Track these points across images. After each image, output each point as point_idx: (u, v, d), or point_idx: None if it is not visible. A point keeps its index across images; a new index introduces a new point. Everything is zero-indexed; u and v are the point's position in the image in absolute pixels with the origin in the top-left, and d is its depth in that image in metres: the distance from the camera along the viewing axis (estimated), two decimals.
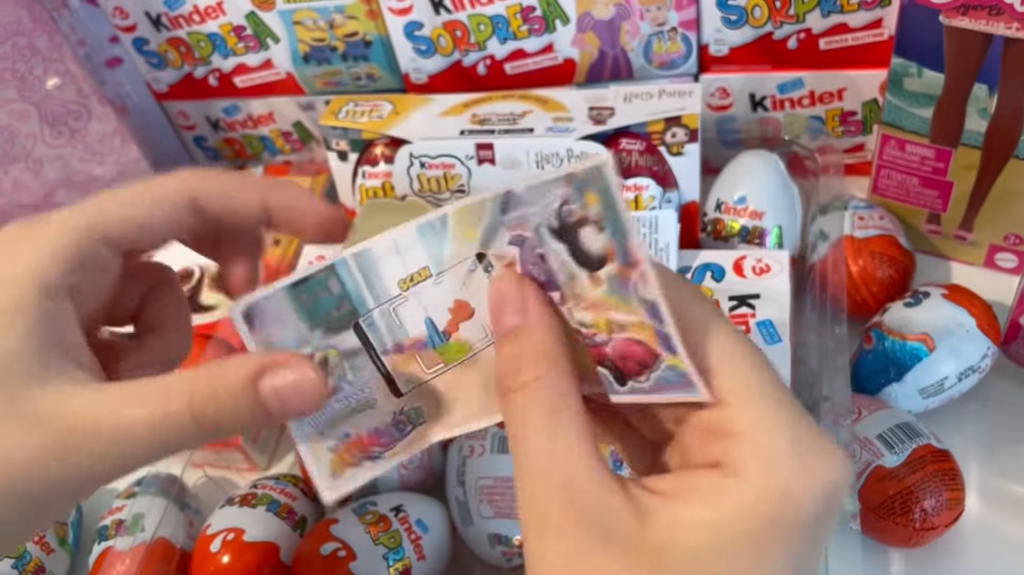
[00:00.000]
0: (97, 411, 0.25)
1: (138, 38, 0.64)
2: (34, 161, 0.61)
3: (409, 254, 0.27)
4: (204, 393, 0.25)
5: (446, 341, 0.28)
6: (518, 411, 0.24)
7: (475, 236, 0.26)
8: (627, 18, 0.56)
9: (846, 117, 0.59)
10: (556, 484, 0.22)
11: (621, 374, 0.25)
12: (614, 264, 0.24)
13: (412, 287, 0.27)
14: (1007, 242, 0.53)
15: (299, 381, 0.25)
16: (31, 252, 0.26)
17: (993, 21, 0.45)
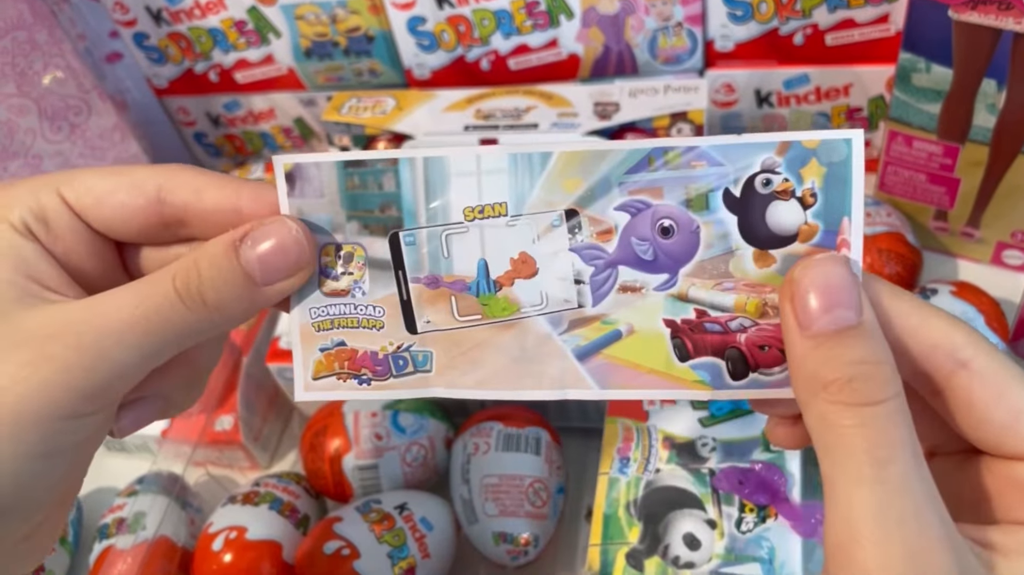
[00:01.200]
0: (77, 312, 0.24)
1: (138, 33, 0.64)
2: (33, 156, 0.60)
3: (490, 181, 0.24)
4: (185, 267, 0.24)
5: (494, 292, 0.25)
6: (885, 432, 0.20)
7: (576, 188, 0.24)
8: (632, 13, 0.56)
9: (852, 113, 0.58)
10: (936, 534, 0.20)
11: (747, 365, 0.23)
12: (805, 244, 0.22)
13: (478, 220, 0.24)
14: (1014, 239, 0.53)
15: (281, 242, 0.24)
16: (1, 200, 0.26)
17: (1003, 16, 0.44)
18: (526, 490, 0.44)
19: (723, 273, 0.23)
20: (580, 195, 0.24)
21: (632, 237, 0.24)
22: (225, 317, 0.25)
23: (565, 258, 0.24)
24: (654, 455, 0.43)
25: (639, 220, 0.24)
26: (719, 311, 0.23)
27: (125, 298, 0.24)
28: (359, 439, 0.47)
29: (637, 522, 0.40)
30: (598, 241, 0.24)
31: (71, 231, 0.26)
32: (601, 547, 0.40)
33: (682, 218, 0.24)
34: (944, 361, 0.22)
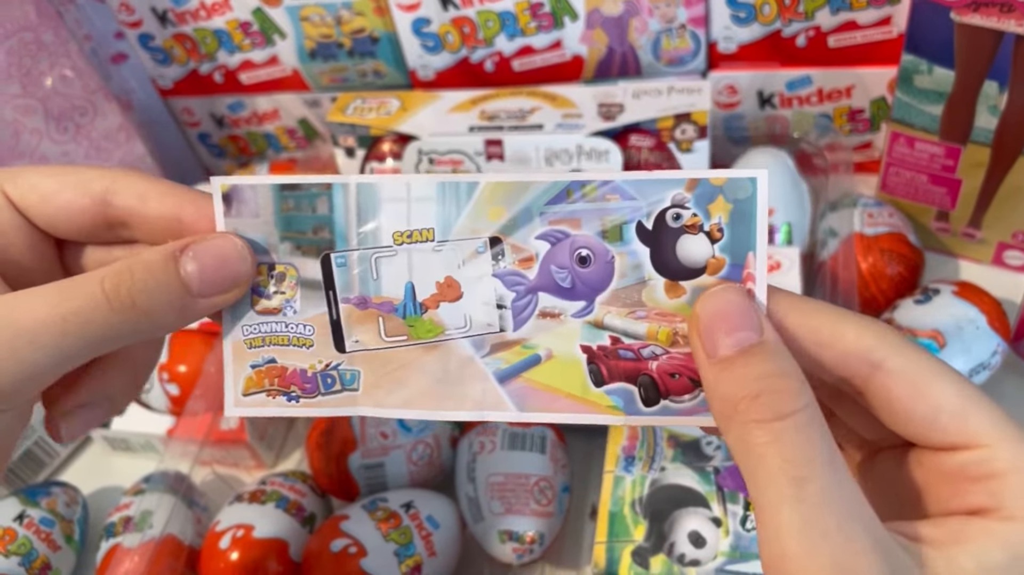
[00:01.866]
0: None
1: (144, 34, 0.64)
2: (39, 157, 0.60)
3: (418, 208, 0.25)
4: (117, 270, 0.24)
5: (420, 314, 0.26)
6: (797, 447, 0.21)
7: (500, 217, 0.25)
8: (636, 15, 0.56)
9: (854, 115, 0.59)
10: (861, 544, 0.20)
11: (658, 391, 0.24)
12: (713, 277, 0.23)
13: (407, 244, 0.25)
14: (1016, 240, 0.53)
15: (224, 257, 0.25)
16: None
17: (1004, 18, 0.45)
18: (531, 488, 0.44)
19: (636, 302, 0.24)
20: (504, 223, 0.25)
21: (552, 265, 0.25)
22: (153, 323, 0.24)
23: (488, 283, 0.25)
24: (659, 453, 0.43)
25: (558, 249, 0.25)
26: (632, 339, 0.24)
27: (45, 297, 0.23)
28: (365, 438, 0.47)
29: (643, 520, 0.40)
30: (520, 268, 0.25)
31: (10, 227, 0.26)
32: (607, 545, 0.40)
33: (598, 248, 0.24)
34: (859, 366, 0.23)
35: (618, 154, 0.50)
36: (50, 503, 0.50)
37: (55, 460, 0.57)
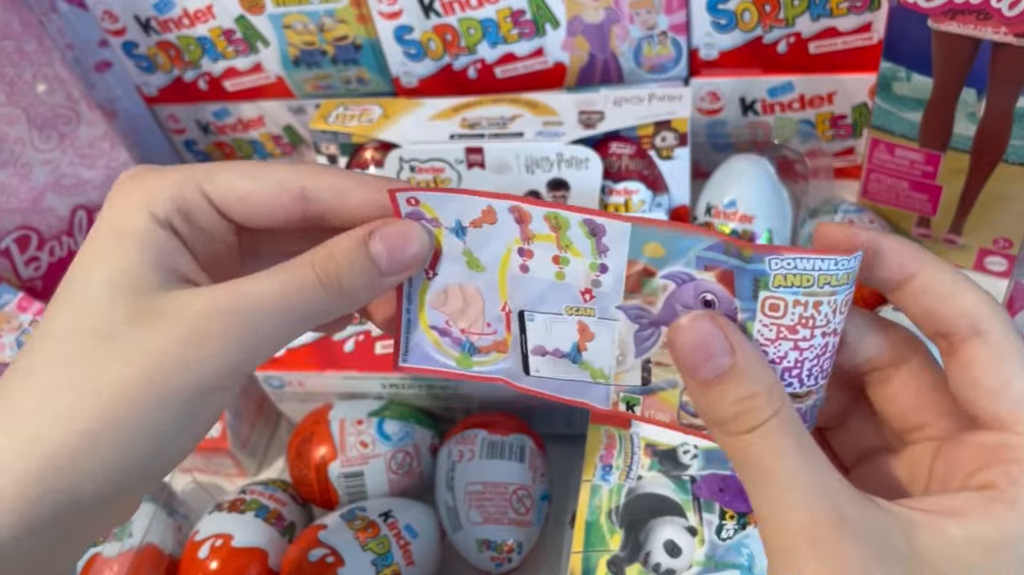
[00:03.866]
0: (227, 295, 0.27)
1: (128, 42, 0.64)
2: (23, 165, 0.60)
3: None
4: (322, 256, 0.28)
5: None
6: (767, 447, 0.24)
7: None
8: (617, 22, 0.56)
9: (836, 121, 0.59)
10: (825, 507, 0.23)
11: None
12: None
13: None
14: (996, 246, 0.54)
15: (403, 233, 0.29)
16: (143, 188, 0.28)
17: (981, 26, 0.45)
18: (510, 497, 0.44)
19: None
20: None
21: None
22: (354, 300, 0.28)
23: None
24: (636, 462, 0.43)
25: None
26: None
27: (270, 283, 0.27)
28: (345, 447, 0.47)
29: (619, 529, 0.40)
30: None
31: (209, 225, 0.29)
32: (583, 554, 0.40)
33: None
34: (965, 328, 0.25)
35: (598, 162, 0.50)
36: None
37: None
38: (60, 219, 0.64)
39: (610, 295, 0.28)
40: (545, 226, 0.29)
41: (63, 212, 0.64)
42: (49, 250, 0.65)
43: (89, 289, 0.26)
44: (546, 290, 0.30)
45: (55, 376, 0.25)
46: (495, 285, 0.30)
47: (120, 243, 0.27)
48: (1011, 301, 0.46)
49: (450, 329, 0.31)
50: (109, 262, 0.27)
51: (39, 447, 0.25)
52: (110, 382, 0.25)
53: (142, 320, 0.26)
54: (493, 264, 0.30)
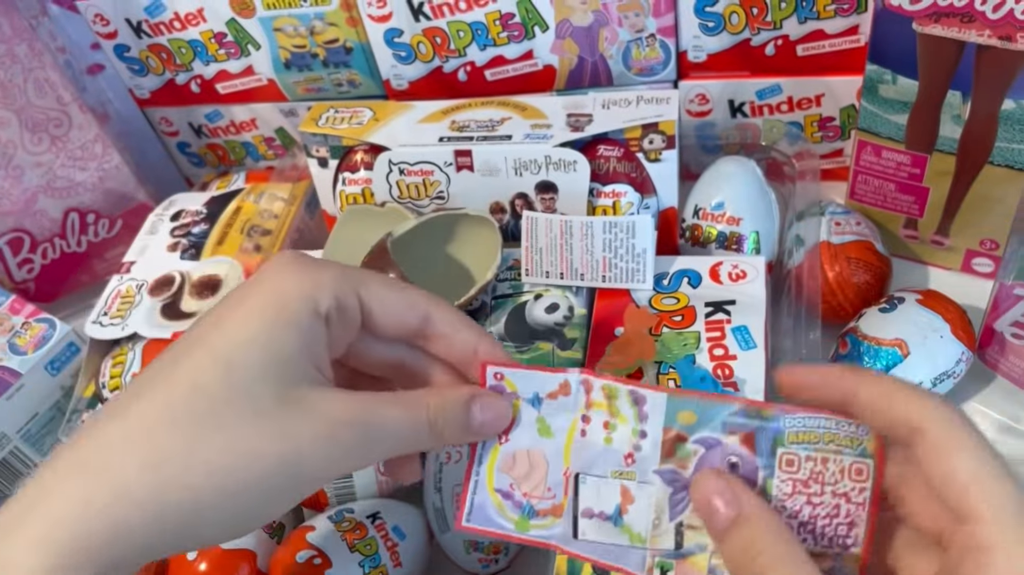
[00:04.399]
0: (362, 410, 0.30)
1: (119, 45, 0.64)
2: (14, 168, 0.61)
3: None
4: (437, 404, 0.31)
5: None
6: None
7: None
8: (606, 25, 0.56)
9: (824, 123, 0.59)
10: None
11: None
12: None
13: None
14: (983, 247, 0.54)
15: (499, 416, 0.33)
16: (308, 279, 0.30)
17: (965, 28, 0.45)
18: None
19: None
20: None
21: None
22: (440, 445, 0.32)
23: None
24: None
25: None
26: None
27: (396, 413, 0.31)
28: None
29: None
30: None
31: (352, 325, 0.32)
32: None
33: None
34: (907, 435, 0.27)
35: (586, 165, 0.51)
36: None
37: (31, 470, 0.58)
38: (52, 221, 0.65)
39: (648, 459, 0.32)
40: (601, 395, 0.33)
41: (55, 214, 0.64)
42: (42, 252, 0.66)
43: (247, 366, 0.28)
44: (597, 454, 0.33)
45: (199, 431, 0.27)
46: (561, 451, 0.33)
47: (283, 328, 0.29)
48: (995, 303, 0.47)
49: (513, 492, 0.34)
50: (267, 345, 0.29)
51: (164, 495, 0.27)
52: (248, 456, 0.28)
53: (285, 408, 0.28)
54: (562, 431, 0.33)
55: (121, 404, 0.28)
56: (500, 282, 0.51)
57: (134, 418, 0.28)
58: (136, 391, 0.29)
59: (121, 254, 0.64)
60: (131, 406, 0.28)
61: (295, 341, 0.29)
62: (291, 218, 0.59)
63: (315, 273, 0.30)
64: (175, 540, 0.28)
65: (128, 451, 0.27)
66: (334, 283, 0.30)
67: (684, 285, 0.49)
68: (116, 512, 0.26)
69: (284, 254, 0.32)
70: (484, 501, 0.34)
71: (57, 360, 0.57)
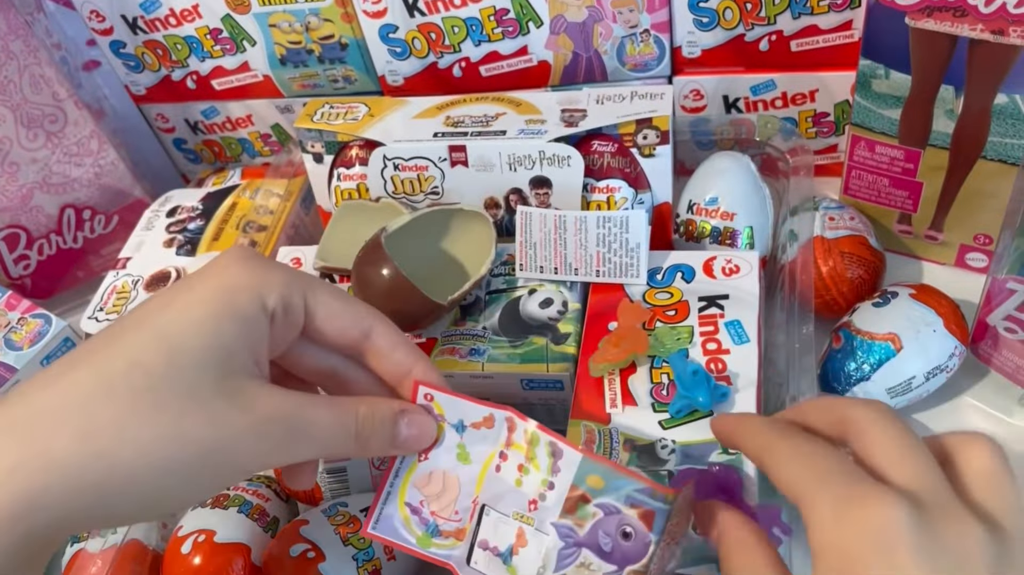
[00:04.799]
0: (293, 408, 0.30)
1: (115, 41, 0.65)
2: (10, 164, 0.61)
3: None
4: (366, 413, 0.33)
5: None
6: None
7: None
8: (600, 20, 0.56)
9: (819, 118, 0.59)
10: None
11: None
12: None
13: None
14: (977, 242, 0.54)
15: (425, 432, 0.35)
16: (258, 276, 0.31)
17: (958, 23, 0.45)
18: None
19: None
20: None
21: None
22: (363, 455, 0.34)
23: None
24: (615, 457, 0.43)
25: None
26: None
27: (327, 416, 0.31)
28: None
29: None
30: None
31: (294, 326, 0.32)
32: None
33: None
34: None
35: (580, 160, 0.51)
36: None
37: None
38: (48, 217, 0.65)
39: (550, 510, 0.33)
40: (523, 438, 0.34)
41: (51, 210, 0.64)
42: (38, 248, 0.66)
43: (190, 350, 0.29)
44: (506, 492, 0.34)
45: (135, 406, 0.27)
46: (475, 479, 0.35)
47: (229, 319, 0.30)
48: (988, 297, 0.47)
49: (422, 509, 0.35)
50: (213, 333, 0.29)
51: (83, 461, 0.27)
52: (180, 439, 0.28)
53: (221, 397, 0.29)
54: (479, 460, 0.35)
55: (55, 372, 0.28)
56: (494, 277, 0.51)
57: (68, 387, 0.27)
58: (72, 362, 0.28)
59: (117, 250, 0.64)
60: (66, 374, 0.28)
61: (239, 333, 0.29)
62: (286, 213, 0.59)
63: (265, 271, 0.31)
64: (93, 513, 0.27)
65: (59, 419, 0.27)
66: (283, 283, 0.31)
67: (678, 280, 0.49)
68: (39, 479, 0.26)
69: (236, 249, 0.32)
70: (392, 513, 0.35)
71: (53, 355, 0.57)
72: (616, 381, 0.44)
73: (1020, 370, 0.47)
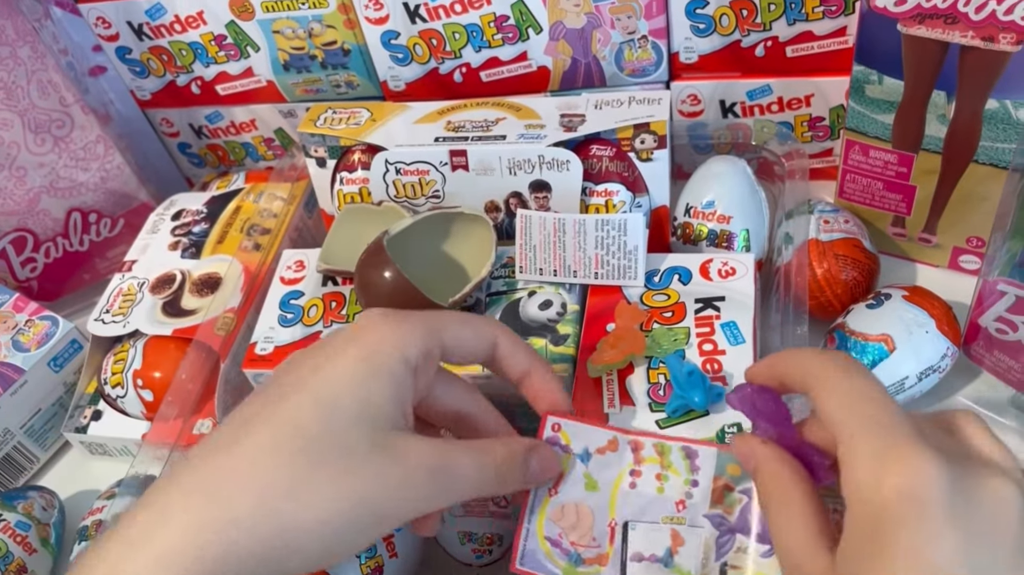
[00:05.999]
0: (439, 458, 0.33)
1: (121, 47, 0.65)
2: (17, 168, 0.62)
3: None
4: (504, 454, 0.35)
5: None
6: (769, 520, 0.31)
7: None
8: (598, 27, 0.57)
9: (814, 123, 0.60)
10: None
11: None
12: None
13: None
14: (970, 244, 0.55)
15: (551, 469, 0.37)
16: (397, 334, 0.33)
17: (949, 30, 0.46)
18: None
19: None
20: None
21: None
22: (503, 492, 0.36)
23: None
24: None
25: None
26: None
27: (469, 463, 0.34)
28: None
29: None
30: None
31: (432, 370, 0.35)
32: None
33: None
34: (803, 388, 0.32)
35: (578, 164, 0.52)
36: (26, 507, 0.51)
37: (34, 465, 0.59)
38: (55, 221, 0.66)
39: (698, 506, 0.36)
40: (653, 452, 0.37)
41: (58, 214, 0.65)
42: (45, 251, 0.67)
43: (345, 409, 0.31)
44: (648, 503, 0.36)
45: (303, 468, 0.30)
46: (606, 504, 0.37)
47: (376, 378, 0.32)
48: (980, 299, 0.48)
49: (561, 541, 0.37)
50: (364, 393, 0.32)
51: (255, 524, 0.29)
52: (343, 495, 0.30)
53: (376, 452, 0.31)
54: (607, 486, 0.37)
55: (230, 437, 0.31)
56: (495, 279, 0.52)
57: (247, 451, 0.30)
58: (244, 425, 0.31)
59: (122, 253, 0.65)
60: (244, 440, 0.31)
61: (387, 390, 0.32)
62: (290, 217, 0.60)
63: (404, 328, 0.34)
64: (270, 567, 0.30)
65: (241, 482, 0.30)
66: (421, 336, 0.34)
67: (675, 282, 0.50)
68: (224, 537, 0.29)
69: (374, 312, 0.34)
70: (535, 547, 0.37)
71: (60, 357, 0.58)
72: (614, 381, 0.45)
73: (1011, 371, 0.48)
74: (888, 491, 0.26)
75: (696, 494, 0.36)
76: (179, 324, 0.56)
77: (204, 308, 0.57)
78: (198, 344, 0.52)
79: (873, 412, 0.28)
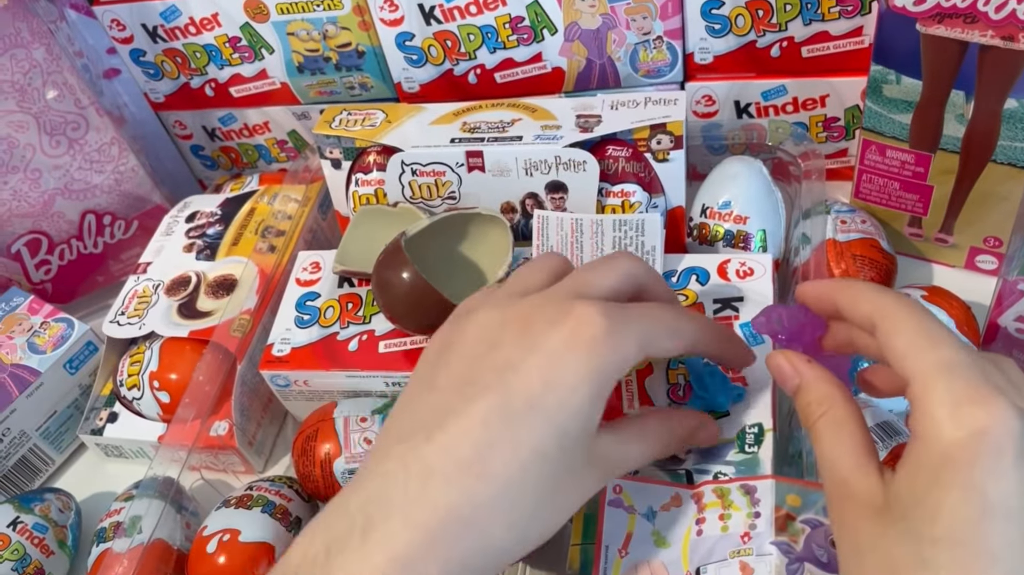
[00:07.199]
0: (617, 449, 0.35)
1: (135, 49, 0.66)
2: (32, 170, 0.62)
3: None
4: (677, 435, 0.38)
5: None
6: (816, 438, 0.32)
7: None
8: (613, 28, 0.57)
9: (829, 123, 0.60)
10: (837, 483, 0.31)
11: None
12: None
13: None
14: (987, 244, 0.55)
15: (714, 434, 0.40)
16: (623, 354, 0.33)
17: (968, 29, 0.46)
18: None
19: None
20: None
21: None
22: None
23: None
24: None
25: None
26: None
27: (638, 448, 0.36)
28: (349, 443, 0.48)
29: None
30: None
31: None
32: (581, 547, 0.41)
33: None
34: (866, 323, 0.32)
35: (595, 165, 0.52)
36: (43, 509, 0.51)
37: (50, 467, 0.59)
38: (70, 223, 0.66)
39: (763, 535, 0.36)
40: (713, 496, 0.38)
41: (72, 216, 0.65)
42: (59, 254, 0.67)
43: (574, 433, 0.32)
44: (715, 544, 0.36)
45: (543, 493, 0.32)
46: (678, 558, 0.37)
47: (600, 400, 0.33)
48: (999, 299, 0.47)
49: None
50: (587, 411, 0.32)
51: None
52: (565, 512, 0.33)
53: (589, 466, 0.33)
54: (677, 541, 0.37)
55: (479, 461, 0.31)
56: None
57: (495, 479, 0.31)
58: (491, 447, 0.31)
59: (137, 255, 0.65)
60: (489, 466, 0.31)
61: (601, 405, 0.33)
62: (304, 219, 0.60)
63: (630, 345, 0.33)
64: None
65: (494, 511, 0.31)
66: (637, 351, 0.33)
67: (693, 282, 0.49)
68: (478, 563, 0.31)
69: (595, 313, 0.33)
70: None
71: (75, 359, 0.58)
72: (633, 382, 0.45)
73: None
74: (964, 434, 0.27)
75: (760, 524, 0.36)
76: (195, 326, 0.56)
77: (220, 310, 0.57)
78: (214, 346, 0.52)
79: (947, 354, 0.28)
